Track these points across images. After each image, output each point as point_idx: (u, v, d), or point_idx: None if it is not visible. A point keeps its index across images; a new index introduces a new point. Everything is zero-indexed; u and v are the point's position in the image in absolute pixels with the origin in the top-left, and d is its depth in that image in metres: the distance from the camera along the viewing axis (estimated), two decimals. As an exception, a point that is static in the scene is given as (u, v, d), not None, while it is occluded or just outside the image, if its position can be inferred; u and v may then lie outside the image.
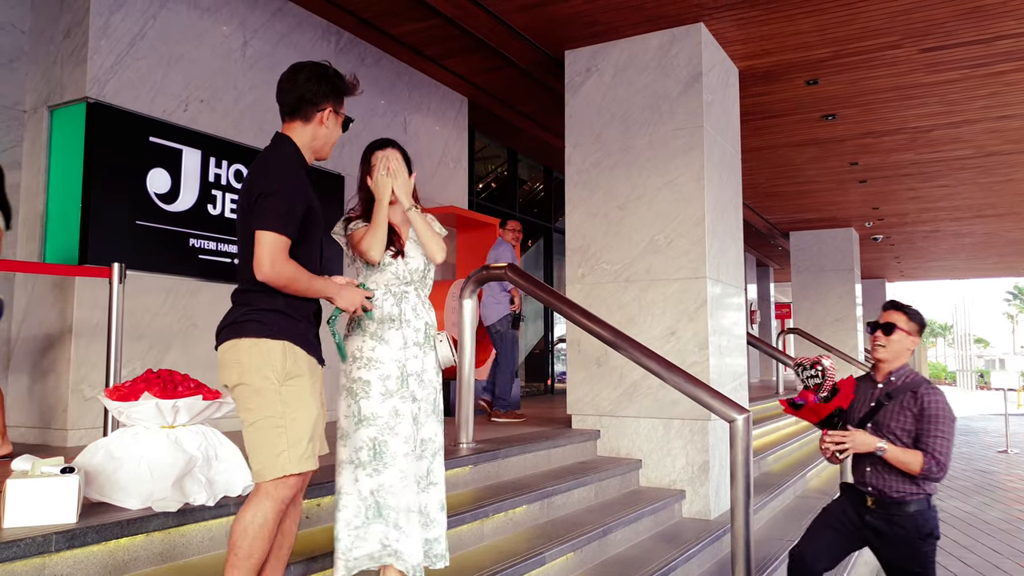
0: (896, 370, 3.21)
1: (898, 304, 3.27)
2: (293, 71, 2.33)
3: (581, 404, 5.46)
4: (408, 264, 2.75)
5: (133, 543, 2.40)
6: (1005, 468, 11.16)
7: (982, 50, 5.81)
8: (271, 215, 2.12)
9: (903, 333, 3.18)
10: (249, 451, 2.18)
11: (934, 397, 3.06)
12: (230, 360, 2.18)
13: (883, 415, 3.15)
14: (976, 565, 5.67)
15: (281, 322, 2.20)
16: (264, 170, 2.21)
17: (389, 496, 2.54)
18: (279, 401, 2.14)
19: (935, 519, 3.12)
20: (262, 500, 2.14)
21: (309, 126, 2.34)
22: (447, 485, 3.78)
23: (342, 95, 2.39)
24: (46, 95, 4.63)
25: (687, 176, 5.23)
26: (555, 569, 3.49)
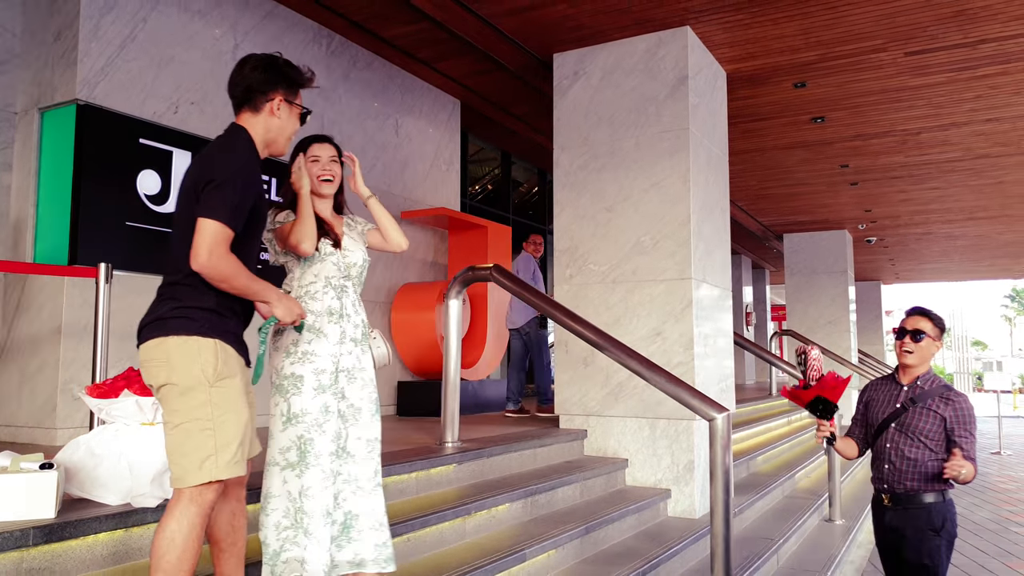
0: (923, 375, 3.29)
1: (924, 310, 3.35)
2: (240, 63, 2.29)
3: (568, 404, 5.50)
4: (346, 257, 2.73)
5: (112, 538, 2.44)
6: (997, 469, 11.20)
7: (966, 53, 5.86)
8: (219, 204, 2.04)
9: (930, 340, 3.26)
10: (171, 454, 2.07)
11: (964, 402, 3.17)
12: (157, 358, 2.08)
13: (909, 417, 3.22)
14: (962, 565, 5.71)
15: (213, 319, 2.12)
16: (218, 158, 2.13)
17: (306, 500, 2.47)
18: (208, 403, 2.06)
19: (949, 515, 3.16)
20: (187, 507, 2.04)
21: (260, 116, 2.27)
22: (431, 484, 3.83)
23: (294, 85, 2.32)
24: (37, 97, 4.68)
25: (673, 178, 5.28)
26: (536, 566, 3.53)
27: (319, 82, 6.04)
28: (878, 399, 3.39)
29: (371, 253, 2.98)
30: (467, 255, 7.44)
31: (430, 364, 6.76)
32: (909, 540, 3.17)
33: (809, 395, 3.26)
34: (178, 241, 2.13)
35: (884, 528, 3.30)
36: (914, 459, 3.18)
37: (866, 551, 6.05)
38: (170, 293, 2.13)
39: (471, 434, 4.91)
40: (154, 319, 2.11)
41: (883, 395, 3.38)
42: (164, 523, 2.04)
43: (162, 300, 2.13)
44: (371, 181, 6.60)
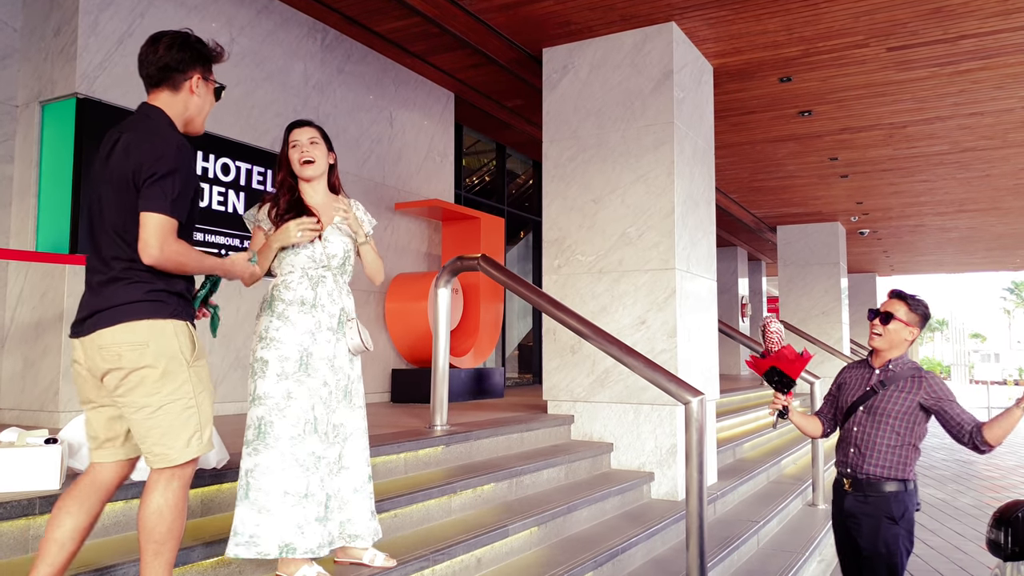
0: (895, 359, 3.21)
1: (902, 294, 3.23)
2: (152, 41, 2.23)
3: (556, 390, 5.65)
4: (327, 248, 2.79)
5: (112, 508, 2.60)
6: (985, 459, 11.37)
7: (947, 49, 5.99)
8: (161, 196, 2.05)
9: (901, 324, 3.15)
10: (155, 435, 2.08)
11: (939, 382, 3.13)
12: (131, 342, 2.05)
13: (878, 400, 3.15)
14: (938, 547, 5.88)
15: (182, 303, 2.17)
16: (154, 149, 2.10)
17: (262, 478, 2.53)
18: (189, 383, 2.11)
19: (909, 504, 3.09)
20: (171, 482, 2.10)
21: (179, 95, 2.24)
22: (419, 464, 3.98)
23: (209, 61, 2.31)
24: (37, 91, 4.81)
25: (658, 171, 5.42)
26: (519, 542, 3.69)
27: (315, 76, 6.19)
28: (850, 382, 3.32)
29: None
30: (460, 246, 7.58)
31: (423, 352, 6.91)
32: (866, 527, 3.10)
33: (766, 364, 3.22)
34: (119, 228, 2.11)
35: (842, 513, 3.22)
36: (880, 443, 3.10)
37: (847, 534, 6.21)
38: (137, 277, 2.10)
39: (461, 419, 5.06)
40: (124, 303, 2.08)
41: (855, 378, 3.31)
42: (149, 498, 2.09)
43: (129, 284, 2.10)
44: (366, 173, 6.75)
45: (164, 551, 2.08)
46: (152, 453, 2.10)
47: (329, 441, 2.69)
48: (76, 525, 2.08)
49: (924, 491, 8.34)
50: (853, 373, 3.36)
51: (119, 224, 2.11)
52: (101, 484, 2.17)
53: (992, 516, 2.24)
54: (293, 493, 2.56)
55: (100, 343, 2.07)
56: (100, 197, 2.17)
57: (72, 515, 2.08)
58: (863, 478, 3.12)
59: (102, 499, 2.16)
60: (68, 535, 2.06)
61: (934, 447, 12.65)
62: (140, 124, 2.18)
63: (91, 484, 2.16)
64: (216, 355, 5.24)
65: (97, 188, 2.19)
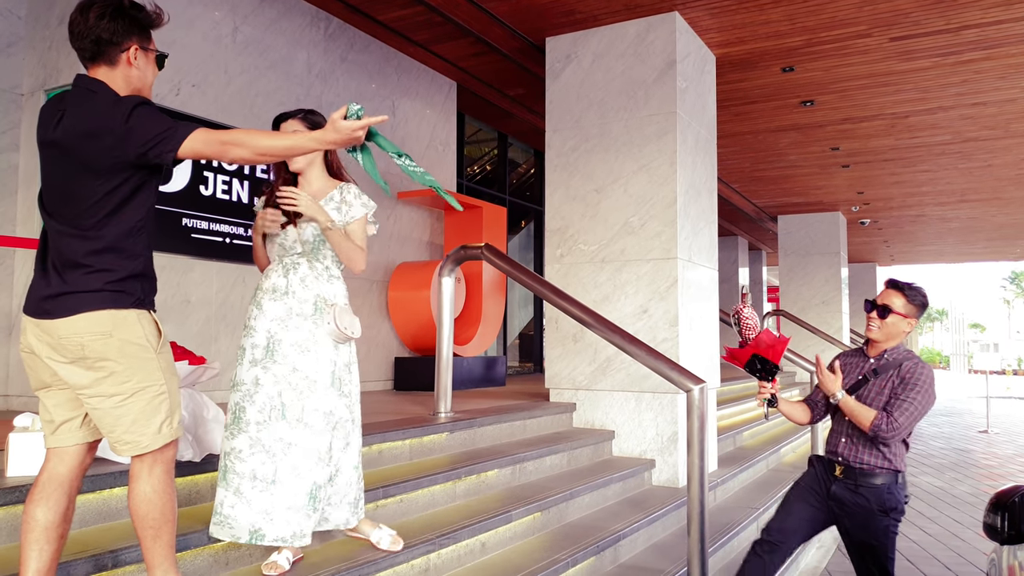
0: (891, 348, 3.15)
1: (899, 284, 3.15)
2: (81, 10, 2.05)
3: (558, 379, 5.70)
4: (300, 235, 2.75)
5: (125, 492, 2.64)
6: (983, 447, 11.43)
7: (950, 39, 5.99)
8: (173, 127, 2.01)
9: (898, 316, 3.09)
10: (124, 424, 2.02)
11: (918, 368, 3.03)
12: (95, 331, 1.98)
13: (867, 389, 3.11)
14: (936, 534, 5.94)
15: (145, 286, 2.10)
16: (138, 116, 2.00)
17: (236, 461, 2.58)
18: (159, 369, 2.07)
19: (900, 496, 3.05)
20: (153, 467, 2.06)
21: (118, 69, 2.08)
22: (424, 450, 4.03)
23: (147, 28, 2.13)
24: (43, 79, 4.83)
25: (661, 160, 5.44)
26: (522, 527, 3.74)
27: (318, 65, 6.20)
28: (844, 371, 3.24)
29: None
30: (462, 235, 7.61)
31: (426, 341, 6.95)
32: (857, 518, 3.06)
33: (746, 354, 3.13)
34: (90, 207, 2.00)
35: (829, 494, 3.15)
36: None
37: (845, 521, 6.28)
38: (99, 263, 2.01)
39: (464, 407, 5.11)
40: (85, 291, 1.99)
41: (849, 367, 3.25)
42: (135, 486, 2.05)
43: (90, 272, 2.00)
44: (368, 162, 6.76)
45: (162, 534, 2.08)
46: (121, 442, 2.04)
47: (317, 429, 2.64)
48: (52, 518, 2.01)
49: (922, 479, 8.40)
50: (848, 361, 3.29)
51: (78, 209, 2.01)
52: (62, 477, 2.07)
53: (989, 501, 2.28)
54: (261, 479, 2.57)
55: (65, 331, 1.98)
56: (55, 176, 2.05)
57: (41, 507, 2.01)
58: (856, 467, 3.07)
59: (67, 492, 2.07)
60: (41, 531, 2.00)
61: (931, 436, 12.72)
62: (87, 102, 2.03)
63: (50, 480, 2.06)
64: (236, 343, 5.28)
65: (50, 167, 2.06)
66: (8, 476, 2.48)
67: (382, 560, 2.84)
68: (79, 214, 2.01)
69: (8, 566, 2.16)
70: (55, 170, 2.05)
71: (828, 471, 3.18)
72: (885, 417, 2.95)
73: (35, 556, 1.98)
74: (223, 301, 5.31)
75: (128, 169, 2.02)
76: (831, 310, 13.78)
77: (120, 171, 2.01)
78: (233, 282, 5.37)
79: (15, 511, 2.35)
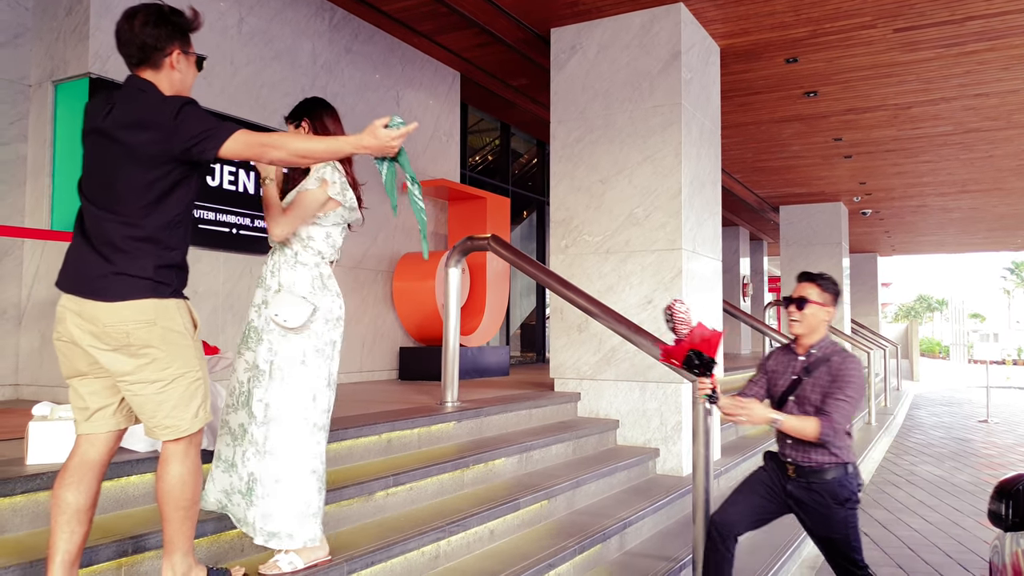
0: (817, 343, 3.15)
1: (811, 275, 3.19)
2: (127, 18, 2.16)
3: (563, 368, 5.74)
4: None
5: (142, 480, 2.69)
6: (983, 436, 11.49)
7: (954, 30, 6.00)
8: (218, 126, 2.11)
9: (817, 306, 3.11)
10: (166, 409, 2.11)
11: (845, 363, 3.03)
12: (138, 319, 2.06)
13: (803, 389, 3.10)
14: (937, 522, 5.99)
15: (181, 276, 2.19)
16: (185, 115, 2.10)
17: (217, 439, 2.71)
18: (195, 356, 2.17)
19: (853, 485, 3.07)
20: (188, 450, 2.16)
21: (161, 73, 2.19)
22: (432, 439, 4.08)
23: (187, 33, 2.25)
24: (50, 70, 4.84)
25: (665, 151, 5.46)
26: (530, 514, 3.79)
27: (323, 56, 6.21)
28: (779, 371, 3.24)
29: (370, 224, 3.07)
30: (466, 225, 7.63)
31: (430, 331, 6.99)
32: (815, 514, 3.07)
33: (682, 351, 3.06)
34: (131, 196, 2.08)
35: (785, 492, 3.15)
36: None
37: (847, 510, 6.33)
38: (139, 251, 2.08)
39: (470, 396, 5.15)
40: (131, 275, 2.06)
41: (782, 367, 3.23)
42: (168, 469, 2.14)
43: (133, 257, 2.07)
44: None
45: (191, 515, 2.18)
46: (161, 427, 2.13)
47: (258, 421, 2.57)
48: (83, 499, 2.08)
49: (922, 468, 8.46)
50: (779, 361, 3.27)
51: (119, 197, 2.08)
52: (93, 462, 2.14)
53: (994, 488, 2.33)
54: (223, 459, 2.61)
55: (104, 320, 2.04)
56: (98, 164, 2.12)
57: (72, 490, 2.07)
58: (806, 467, 3.07)
59: (97, 476, 2.14)
60: (72, 512, 2.05)
61: (932, 425, 12.79)
62: (137, 97, 2.13)
63: (80, 463, 2.12)
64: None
65: (94, 155, 2.13)
66: (28, 464, 2.52)
67: (395, 546, 2.89)
68: (120, 201, 2.09)
69: (30, 551, 2.20)
70: (99, 158, 2.12)
71: (782, 471, 3.19)
72: (827, 423, 2.95)
73: (65, 538, 2.03)
74: (230, 291, 5.35)
75: (170, 163, 2.10)
76: (832, 300, 13.81)
77: (163, 164, 2.09)
78: (240, 273, 5.40)
79: (35, 498, 2.40)
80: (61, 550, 2.03)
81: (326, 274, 2.71)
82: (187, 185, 2.18)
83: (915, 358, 26.04)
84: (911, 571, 4.71)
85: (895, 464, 8.67)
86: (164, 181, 2.11)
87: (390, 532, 3.04)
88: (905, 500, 6.75)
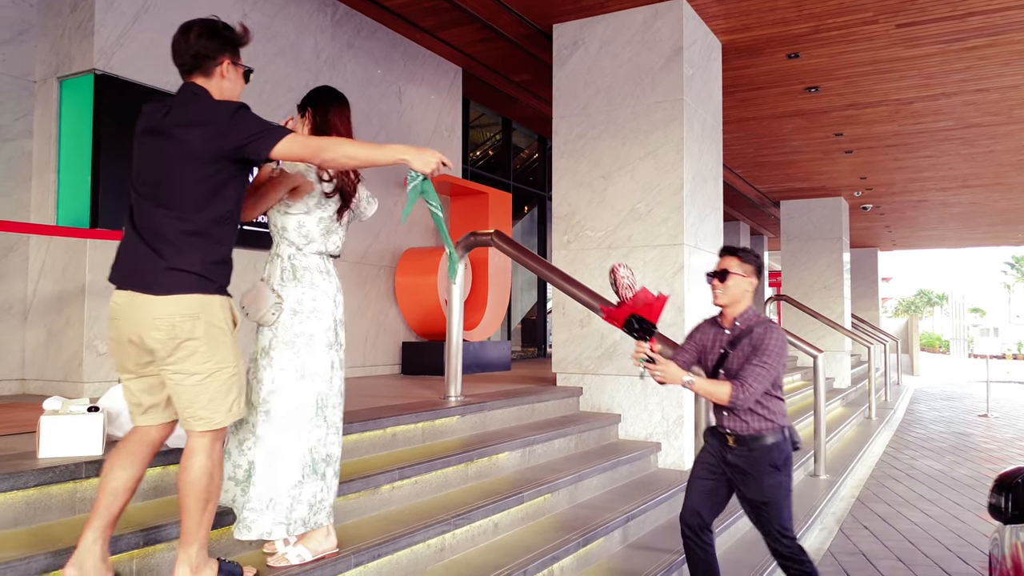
0: (740, 315, 3.20)
1: (731, 248, 3.25)
2: (183, 31, 2.34)
3: (565, 363, 5.77)
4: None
5: (151, 474, 2.72)
6: (983, 431, 11.53)
7: (956, 26, 6.02)
8: (271, 128, 2.26)
9: (738, 277, 3.16)
10: (202, 401, 2.21)
11: (768, 333, 3.08)
12: (184, 313, 2.17)
13: (730, 361, 3.15)
14: (937, 516, 6.03)
15: (227, 274, 2.31)
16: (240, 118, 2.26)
17: None
18: (232, 352, 2.28)
19: (788, 452, 3.12)
20: (214, 443, 2.27)
21: (212, 81, 2.36)
22: (436, 433, 4.12)
23: (236, 46, 2.41)
24: (55, 66, 4.86)
25: (667, 147, 5.48)
26: (533, 508, 3.82)
27: (326, 51, 6.23)
28: (707, 345, 3.28)
29: (373, 220, 3.08)
30: (469, 221, 7.66)
31: (433, 326, 7.02)
32: (752, 479, 3.10)
33: (623, 313, 3.09)
34: (184, 191, 2.20)
35: (726, 463, 3.20)
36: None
37: (848, 503, 6.38)
38: (189, 245, 2.20)
39: (473, 391, 5.19)
40: (180, 270, 2.18)
41: (710, 340, 3.27)
42: (194, 460, 2.23)
43: (182, 252, 2.19)
44: (375, 148, 6.80)
45: (211, 508, 2.26)
46: (196, 418, 2.23)
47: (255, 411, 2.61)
48: (130, 476, 2.23)
49: (922, 462, 8.50)
50: (707, 335, 3.31)
51: (173, 192, 2.21)
52: (149, 440, 2.31)
53: (994, 482, 2.36)
54: (226, 449, 2.62)
55: (155, 313, 2.16)
56: (154, 162, 2.24)
57: (125, 468, 2.23)
58: (746, 435, 3.11)
59: (150, 453, 2.31)
60: (122, 485, 2.20)
61: (932, 420, 12.83)
62: (193, 100, 2.29)
63: (139, 440, 2.30)
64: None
65: (150, 153, 2.24)
66: (40, 457, 2.55)
67: (401, 539, 2.92)
68: (173, 197, 2.21)
69: (44, 543, 2.23)
70: (154, 156, 2.25)
71: (722, 443, 3.22)
72: (739, 386, 3.00)
73: (107, 504, 2.18)
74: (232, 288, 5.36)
75: (222, 160, 2.24)
76: (833, 295, 13.85)
77: (215, 161, 2.23)
78: (243, 268, 5.43)
79: (48, 491, 2.43)
80: (101, 515, 2.17)
81: (300, 265, 2.66)
82: (237, 183, 2.31)
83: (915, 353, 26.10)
84: (911, 564, 4.75)
85: (895, 458, 8.72)
86: (215, 178, 2.24)
87: (396, 525, 3.08)
88: (905, 494, 6.79)
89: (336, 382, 2.70)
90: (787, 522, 3.10)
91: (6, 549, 2.17)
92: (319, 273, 2.68)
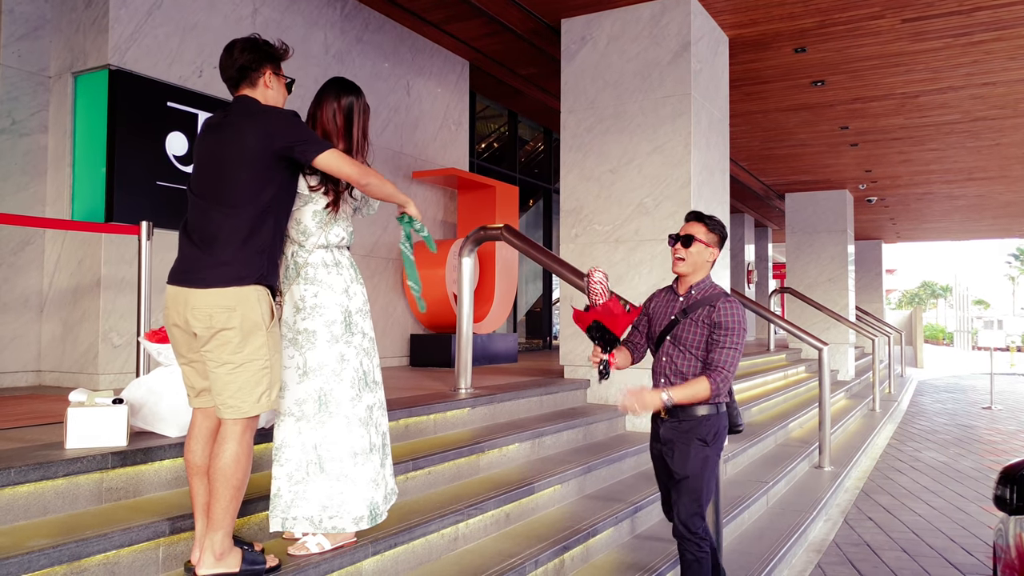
0: (697, 283, 3.10)
1: (699, 215, 3.15)
2: (227, 50, 2.57)
3: (572, 356, 5.83)
4: None
5: (174, 464, 2.78)
6: (986, 423, 11.57)
7: (962, 20, 6.04)
8: (318, 141, 2.50)
9: (702, 245, 3.06)
10: (231, 389, 2.33)
11: (729, 309, 3.00)
12: (222, 304, 2.32)
13: (680, 329, 3.05)
14: (940, 507, 6.09)
15: (270, 266, 2.45)
16: (290, 123, 2.47)
17: None
18: (266, 346, 2.38)
19: (719, 428, 3.04)
20: (244, 433, 2.37)
21: (257, 90, 2.56)
22: (448, 425, 4.18)
23: (276, 59, 2.60)
24: (70, 62, 4.91)
25: (675, 141, 5.52)
26: (544, 498, 3.89)
27: (335, 46, 6.27)
28: (658, 312, 3.18)
29: (381, 214, 3.15)
30: (476, 214, 7.70)
31: (441, 318, 7.08)
32: (678, 452, 3.01)
33: (589, 318, 3.03)
34: (236, 188, 2.39)
35: (659, 439, 3.11)
36: (686, 372, 3.00)
37: (852, 495, 6.44)
38: (236, 239, 2.37)
39: (482, 383, 5.25)
40: (221, 264, 2.34)
41: (662, 307, 3.18)
42: (225, 447, 2.33)
43: (227, 246, 2.36)
44: (383, 142, 6.85)
45: (239, 495, 2.36)
46: (226, 405, 2.35)
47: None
48: (204, 464, 2.42)
49: (926, 455, 8.55)
50: (660, 302, 3.22)
51: (226, 189, 2.41)
52: (209, 427, 2.47)
53: (999, 473, 2.41)
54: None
55: (194, 304, 2.34)
56: (210, 160, 2.46)
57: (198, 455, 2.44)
58: (678, 407, 3.00)
59: (211, 438, 2.47)
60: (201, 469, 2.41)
61: (936, 412, 12.88)
62: (247, 107, 2.52)
63: (201, 429, 2.47)
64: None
65: (208, 153, 2.48)
66: (67, 448, 2.61)
67: (417, 528, 2.99)
68: (225, 193, 2.40)
69: (74, 530, 2.29)
70: (213, 157, 2.47)
71: (657, 417, 3.13)
72: (715, 377, 2.93)
73: (201, 491, 2.41)
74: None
75: (271, 159, 2.43)
76: (837, 287, 13.88)
77: (265, 159, 2.42)
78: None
79: (76, 481, 2.49)
80: (200, 502, 2.40)
81: (303, 262, 2.66)
82: (282, 180, 2.49)
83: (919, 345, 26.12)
84: (916, 555, 4.81)
85: (899, 450, 8.77)
86: (264, 175, 2.42)
87: (411, 515, 3.14)
88: (909, 486, 6.85)
89: (347, 374, 2.67)
90: (704, 501, 2.98)
91: (37, 537, 2.23)
92: (323, 268, 2.67)
